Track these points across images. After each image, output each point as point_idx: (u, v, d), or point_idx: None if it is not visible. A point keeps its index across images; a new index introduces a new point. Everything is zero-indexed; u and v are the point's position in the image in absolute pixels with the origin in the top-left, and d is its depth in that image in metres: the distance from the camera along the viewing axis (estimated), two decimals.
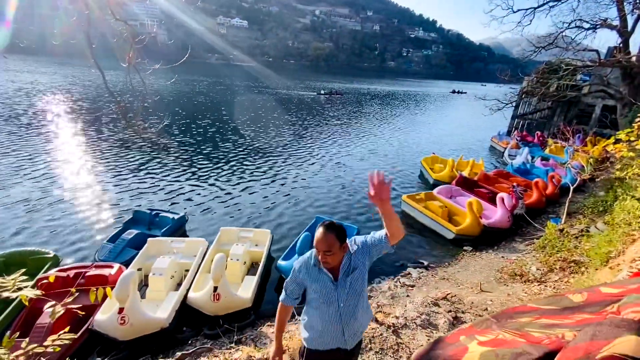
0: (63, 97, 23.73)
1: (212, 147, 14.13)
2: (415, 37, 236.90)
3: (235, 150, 14.01)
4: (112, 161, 11.40)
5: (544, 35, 15.63)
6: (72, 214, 7.77)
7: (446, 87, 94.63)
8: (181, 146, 13.77)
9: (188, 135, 15.67)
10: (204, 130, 17.14)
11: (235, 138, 16.07)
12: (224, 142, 15.17)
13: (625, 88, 15.30)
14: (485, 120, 19.20)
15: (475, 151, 17.75)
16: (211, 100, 28.67)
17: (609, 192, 7.95)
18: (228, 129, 17.87)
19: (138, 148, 12.79)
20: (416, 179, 12.32)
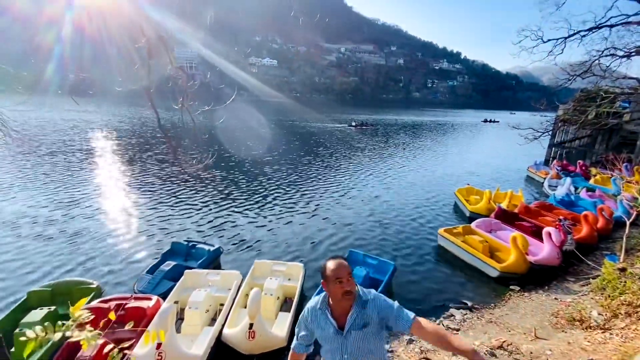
0: (115, 135, 25.95)
1: (246, 180, 14.59)
2: (440, 69, 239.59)
3: (269, 182, 14.36)
4: (154, 195, 12.04)
5: (578, 63, 15.26)
6: (115, 244, 8.17)
7: (475, 116, 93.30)
8: (217, 180, 14.34)
9: (224, 169, 16.34)
10: (239, 163, 17.83)
11: (268, 171, 16.54)
12: (257, 175, 15.64)
13: None
14: (520, 149, 18.51)
15: (512, 182, 16.96)
16: (245, 135, 30.08)
17: None
18: (261, 162, 18.48)
19: (178, 182, 13.49)
20: (451, 211, 11.86)
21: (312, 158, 20.52)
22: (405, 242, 9.07)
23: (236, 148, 21.97)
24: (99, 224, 9.29)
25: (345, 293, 1.71)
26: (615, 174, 15.42)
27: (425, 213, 11.45)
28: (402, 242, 9.05)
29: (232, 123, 39.56)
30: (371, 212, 11.21)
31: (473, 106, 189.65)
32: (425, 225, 10.38)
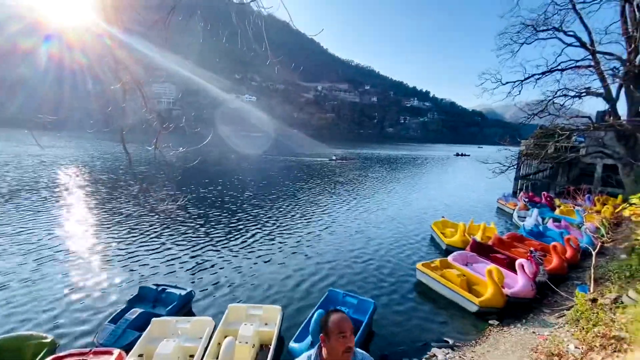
0: (85, 171, 24.87)
1: (223, 218, 14.20)
2: (411, 106, 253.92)
3: (246, 220, 14.04)
4: (121, 235, 11.40)
5: (535, 103, 16.74)
6: (75, 291, 7.50)
7: (446, 150, 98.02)
8: (191, 219, 13.87)
9: (199, 208, 15.89)
10: (215, 201, 17.44)
11: (246, 207, 16.25)
12: (235, 212, 15.30)
13: (622, 149, 15.76)
14: (490, 182, 19.44)
15: (484, 214, 17.58)
16: (222, 170, 29.77)
17: (632, 255, 7.61)
18: (239, 199, 18.19)
19: (149, 222, 12.90)
20: (428, 244, 11.99)
21: (291, 193, 20.48)
22: (385, 277, 8.98)
23: (213, 185, 21.61)
24: (58, 267, 8.57)
25: (347, 349, 1.67)
26: (578, 204, 16.43)
27: (403, 247, 11.51)
28: (382, 277, 8.94)
29: (211, 158, 39.26)
30: (351, 248, 11.12)
31: (443, 141, 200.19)
32: (404, 259, 10.39)
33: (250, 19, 3.66)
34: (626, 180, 15.43)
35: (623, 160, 15.67)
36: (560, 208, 16.21)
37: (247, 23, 3.74)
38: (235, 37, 3.93)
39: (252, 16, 3.72)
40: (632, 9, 14.27)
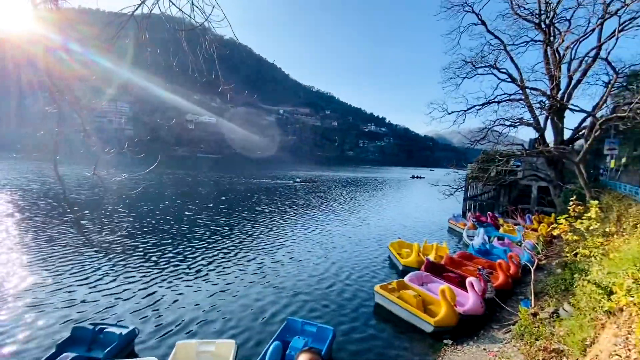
0: (15, 196, 22.10)
1: (172, 246, 13.28)
2: (369, 131, 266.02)
3: (198, 248, 13.27)
4: (53, 268, 10.13)
5: (477, 130, 18.42)
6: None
7: (402, 173, 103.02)
8: (136, 248, 12.79)
9: (143, 235, 14.77)
10: (163, 227, 16.35)
11: (198, 234, 15.42)
12: (185, 240, 14.42)
13: (552, 172, 17.76)
14: (441, 203, 20.63)
15: (436, 234, 18.44)
16: (176, 194, 28.25)
17: (565, 270, 8.37)
18: (191, 225, 17.24)
19: (84, 252, 11.66)
20: (386, 265, 12.21)
21: (251, 218, 19.92)
22: (345, 301, 8.90)
23: (165, 210, 20.36)
24: None
25: None
26: (517, 222, 17.93)
27: (362, 269, 11.59)
28: (342, 302, 8.85)
29: (163, 180, 37.20)
30: (311, 274, 10.93)
31: (399, 164, 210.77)
32: (363, 281, 10.43)
33: (201, 41, 3.63)
34: (557, 201, 17.29)
35: (553, 183, 17.66)
36: (503, 227, 17.55)
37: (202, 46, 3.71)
38: (196, 58, 3.86)
39: (208, 38, 3.69)
40: (553, 52, 16.64)
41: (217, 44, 3.77)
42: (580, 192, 13.25)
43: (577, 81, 16.34)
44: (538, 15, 16.60)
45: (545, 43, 16.74)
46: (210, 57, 3.81)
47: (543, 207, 21.24)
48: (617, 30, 14.10)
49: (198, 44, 3.75)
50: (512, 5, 17.02)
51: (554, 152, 15.15)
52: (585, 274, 5.49)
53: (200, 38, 3.73)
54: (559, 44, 16.34)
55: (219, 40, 3.81)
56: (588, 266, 5.81)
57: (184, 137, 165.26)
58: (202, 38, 3.71)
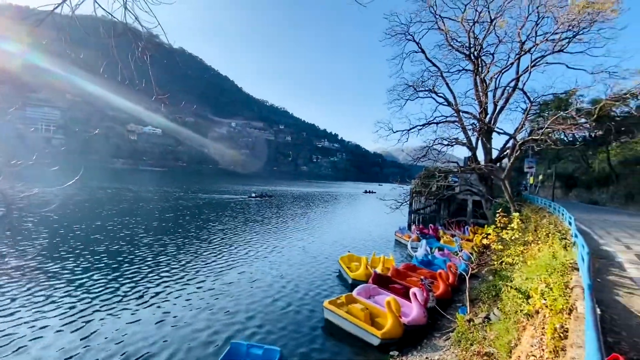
0: None
1: (100, 269, 11.92)
2: (322, 147, 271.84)
3: (130, 270, 12.07)
4: None
5: (419, 148, 19.77)
6: None
7: (353, 187, 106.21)
8: (42, 274, 11.26)
9: (73, 257, 13.09)
10: (90, 247, 14.67)
11: (133, 255, 14.08)
12: (117, 261, 13.05)
13: (483, 187, 19.62)
14: (388, 216, 21.53)
15: (384, 246, 19.11)
16: (111, 211, 25.66)
17: (495, 276, 9.15)
18: (125, 244, 15.71)
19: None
20: (336, 280, 12.25)
21: (197, 236, 18.77)
22: (294, 319, 8.68)
23: (96, 230, 18.35)
24: None
25: None
26: (454, 234, 19.34)
27: (313, 284, 11.48)
28: (291, 320, 8.62)
29: (99, 195, 33.64)
30: (260, 293, 10.52)
31: (351, 179, 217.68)
32: (313, 297, 10.32)
33: (134, 47, 3.43)
34: (488, 213, 19.05)
35: (485, 197, 19.49)
36: (443, 238, 18.80)
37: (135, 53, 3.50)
38: (143, 65, 3.61)
39: (141, 44, 3.49)
40: (481, 81, 18.74)
41: (152, 51, 3.59)
42: (507, 206, 14.80)
43: (501, 107, 18.54)
44: (468, 47, 18.70)
45: (475, 72, 18.84)
46: (155, 65, 3.62)
47: (477, 219, 23.27)
48: (530, 65, 16.42)
49: (131, 50, 3.53)
50: (447, 37, 18.95)
51: (484, 169, 16.83)
52: (509, 280, 6.03)
53: (133, 44, 3.53)
54: (485, 74, 18.50)
55: (155, 47, 3.63)
56: (511, 273, 6.41)
57: (124, 148, 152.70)
58: (135, 44, 3.51)
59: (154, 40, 3.77)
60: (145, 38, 3.46)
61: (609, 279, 5.22)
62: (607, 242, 8.22)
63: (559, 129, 14.31)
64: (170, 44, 5.16)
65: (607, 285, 4.88)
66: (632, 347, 2.96)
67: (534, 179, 29.86)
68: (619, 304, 4.11)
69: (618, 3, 13.64)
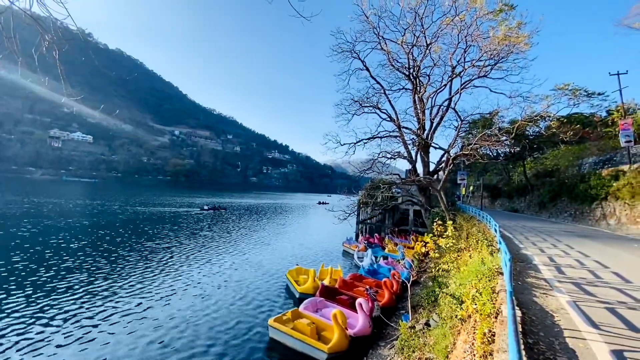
0: None
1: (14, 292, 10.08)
2: (273, 158, 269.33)
3: (55, 291, 10.41)
4: None
5: (365, 161, 20.49)
6: None
7: (304, 199, 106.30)
8: None
9: None
10: None
11: (57, 276, 12.19)
12: (36, 283, 11.19)
13: (423, 197, 20.94)
14: (337, 227, 21.80)
15: (332, 258, 19.25)
16: (29, 227, 22.09)
17: (434, 283, 9.66)
18: (44, 265, 13.57)
19: None
20: (284, 295, 11.90)
21: (133, 251, 16.95)
22: (238, 340, 8.16)
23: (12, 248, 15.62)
24: None
25: None
26: (396, 242, 20.22)
27: (259, 301, 10.99)
28: (234, 340, 8.08)
29: (12, 210, 28.78)
30: (203, 311, 9.74)
31: (302, 190, 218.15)
32: (259, 315, 9.85)
33: (40, 39, 3.00)
34: (427, 222, 20.31)
35: (424, 207, 20.79)
36: (388, 247, 19.55)
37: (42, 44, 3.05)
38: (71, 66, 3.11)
39: (49, 36, 3.06)
40: (419, 99, 20.21)
41: (63, 45, 3.17)
42: (443, 215, 15.93)
43: (436, 124, 20.19)
44: (408, 68, 20.17)
45: (413, 91, 20.33)
46: (86, 65, 3.17)
47: (418, 227, 24.73)
48: (460, 87, 18.20)
49: (38, 42, 3.08)
50: (389, 57, 20.24)
51: (423, 181, 18.02)
52: (445, 286, 6.37)
53: (39, 36, 3.08)
54: (423, 93, 20.06)
55: (68, 41, 3.20)
56: (447, 279, 6.80)
57: (45, 157, 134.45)
58: (42, 35, 3.07)
59: (85, 39, 3.34)
60: (69, 34, 3.05)
61: (528, 280, 5.79)
62: (525, 247, 9.23)
63: (485, 145, 15.96)
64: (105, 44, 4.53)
65: (526, 287, 5.39)
66: (549, 347, 3.24)
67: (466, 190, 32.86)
68: (536, 304, 4.54)
69: (529, 38, 15.89)
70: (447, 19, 17.58)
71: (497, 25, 16.52)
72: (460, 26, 17.27)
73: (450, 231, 7.61)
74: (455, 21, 17.30)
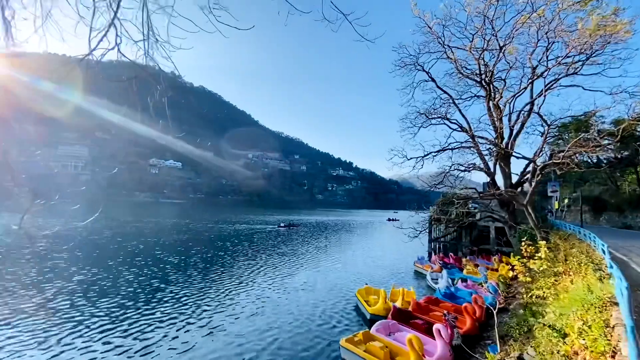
0: None
1: (120, 298, 11.94)
2: (337, 175, 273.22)
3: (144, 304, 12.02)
4: None
5: (435, 175, 19.43)
6: None
7: (369, 216, 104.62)
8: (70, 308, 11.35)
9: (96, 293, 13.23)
10: (110, 283, 14.82)
11: (152, 287, 14.08)
12: (133, 294, 13.07)
13: (505, 213, 18.84)
14: (407, 246, 20.81)
15: (403, 278, 18.31)
16: (137, 243, 26.13)
17: (526, 311, 8.48)
18: (146, 278, 15.78)
19: None
20: (354, 314, 11.69)
21: (216, 266, 18.70)
22: (308, 356, 8.23)
23: (118, 263, 18.61)
24: None
25: None
26: (478, 263, 18.36)
27: (329, 320, 10.97)
28: (304, 357, 8.18)
29: (122, 229, 34.50)
30: (274, 329, 10.11)
31: (367, 206, 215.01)
32: (330, 334, 9.81)
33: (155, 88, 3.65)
34: (512, 241, 18.12)
35: (507, 224, 18.64)
36: (466, 268, 17.86)
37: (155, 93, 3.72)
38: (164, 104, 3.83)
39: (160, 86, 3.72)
40: (494, 106, 18.65)
41: (170, 92, 3.81)
42: (532, 233, 14.05)
43: (517, 131, 18.23)
44: (479, 74, 18.83)
45: (487, 98, 18.82)
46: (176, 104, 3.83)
47: (501, 247, 22.12)
48: (544, 89, 16.28)
49: (151, 92, 3.76)
50: (457, 66, 19.23)
51: (505, 194, 16.26)
52: (541, 316, 5.56)
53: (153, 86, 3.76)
54: (499, 99, 18.43)
55: (186, 91, 3.87)
56: (543, 307, 5.92)
57: (146, 181, 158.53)
58: (155, 87, 3.73)
59: (177, 80, 4.03)
60: (167, 79, 3.69)
61: None
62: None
63: (582, 151, 13.82)
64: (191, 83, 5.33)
65: None
66: None
67: (559, 204, 28.55)
68: None
69: (631, 24, 13.59)
70: (522, 17, 16.10)
71: (587, 16, 14.52)
72: (539, 23, 15.62)
73: (543, 252, 6.66)
74: (533, 18, 15.73)
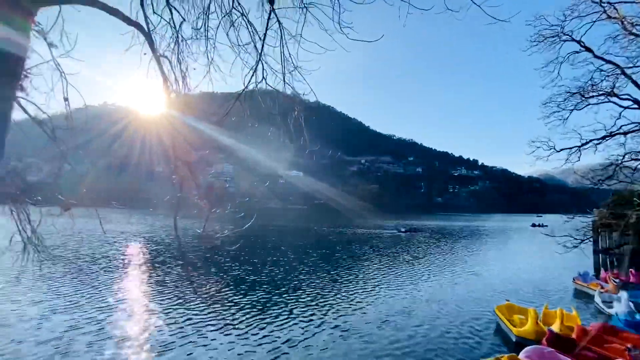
0: (142, 246, 27.06)
1: (264, 300, 13.94)
2: (459, 175, 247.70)
3: (277, 303, 13.58)
4: (171, 317, 11.57)
5: (600, 168, 15.29)
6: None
7: (502, 221, 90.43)
8: (234, 303, 13.78)
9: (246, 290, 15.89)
10: (260, 280, 17.41)
11: (287, 287, 15.88)
12: (275, 293, 14.99)
13: None
14: (560, 258, 16.95)
15: (557, 297, 14.93)
16: (273, 246, 30.26)
17: None
18: (284, 278, 17.94)
19: (186, 305, 13.07)
20: (492, 333, 10.23)
21: (344, 268, 19.78)
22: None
23: (262, 263, 21.83)
24: None
25: None
26: None
27: (464, 337, 9.89)
28: None
29: (261, 233, 40.51)
30: (402, 336, 9.83)
31: (499, 210, 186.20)
32: (466, 350, 8.86)
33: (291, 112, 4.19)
34: None
35: None
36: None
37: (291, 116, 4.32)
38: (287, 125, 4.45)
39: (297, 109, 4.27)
40: None
41: (305, 113, 4.33)
42: None
43: None
44: None
45: None
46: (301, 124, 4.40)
47: None
48: None
49: (288, 114, 4.38)
50: (624, 25, 14.70)
51: None
52: None
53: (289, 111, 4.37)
54: None
55: (306, 108, 4.41)
56: None
57: (275, 191, 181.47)
58: (293, 109, 4.33)
59: (306, 102, 4.57)
60: (297, 101, 4.21)
61: None
62: None
63: None
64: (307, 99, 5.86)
65: None
66: None
67: None
68: None
69: None
70: None
71: None
72: None
73: None
74: None
